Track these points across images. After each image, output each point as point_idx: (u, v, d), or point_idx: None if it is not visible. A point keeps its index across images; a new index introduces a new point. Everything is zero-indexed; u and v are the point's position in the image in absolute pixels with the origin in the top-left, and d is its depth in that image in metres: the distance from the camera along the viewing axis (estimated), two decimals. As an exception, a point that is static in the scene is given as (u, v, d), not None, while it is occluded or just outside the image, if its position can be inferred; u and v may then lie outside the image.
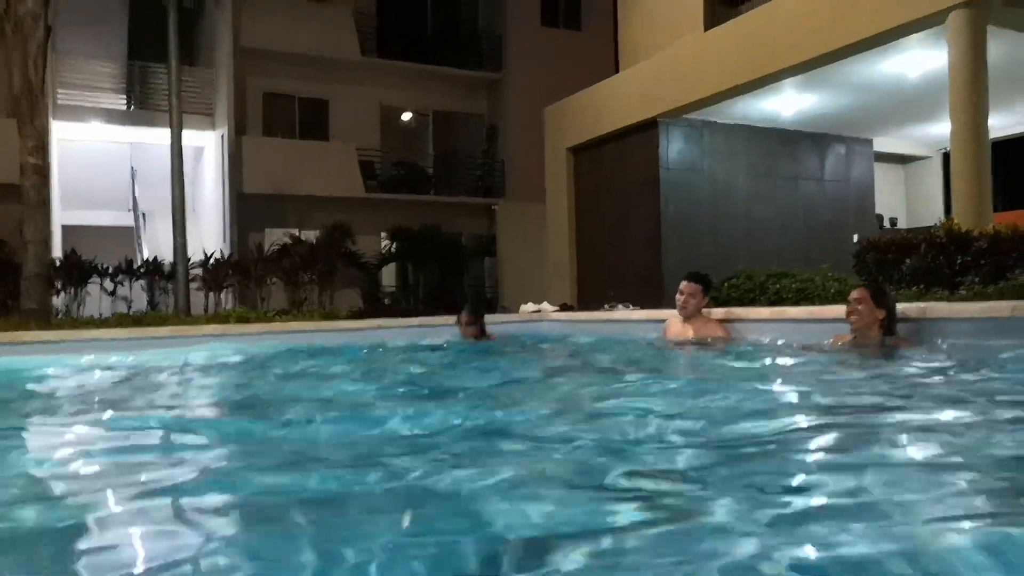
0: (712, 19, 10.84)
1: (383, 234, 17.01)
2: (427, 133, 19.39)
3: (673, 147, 11.14)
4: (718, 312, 5.59)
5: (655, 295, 8.96)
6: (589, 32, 19.59)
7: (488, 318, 6.62)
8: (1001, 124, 11.08)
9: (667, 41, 11.43)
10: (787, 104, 10.83)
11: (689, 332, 5.35)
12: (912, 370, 3.49)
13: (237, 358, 5.47)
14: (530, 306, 8.51)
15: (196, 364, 5.18)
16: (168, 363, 5.15)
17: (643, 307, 7.35)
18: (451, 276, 16.39)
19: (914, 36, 8.08)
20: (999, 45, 7.68)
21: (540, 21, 19.38)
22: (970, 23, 7.22)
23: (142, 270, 11.64)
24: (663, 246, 10.85)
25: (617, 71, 13.10)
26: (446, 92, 18.89)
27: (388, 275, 16.97)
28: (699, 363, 4.70)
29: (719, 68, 10.04)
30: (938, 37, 7.79)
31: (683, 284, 5.39)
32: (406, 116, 19.44)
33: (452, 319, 6.38)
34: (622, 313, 6.92)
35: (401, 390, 3.69)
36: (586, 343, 6.26)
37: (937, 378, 3.09)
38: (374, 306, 13.18)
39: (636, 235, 11.45)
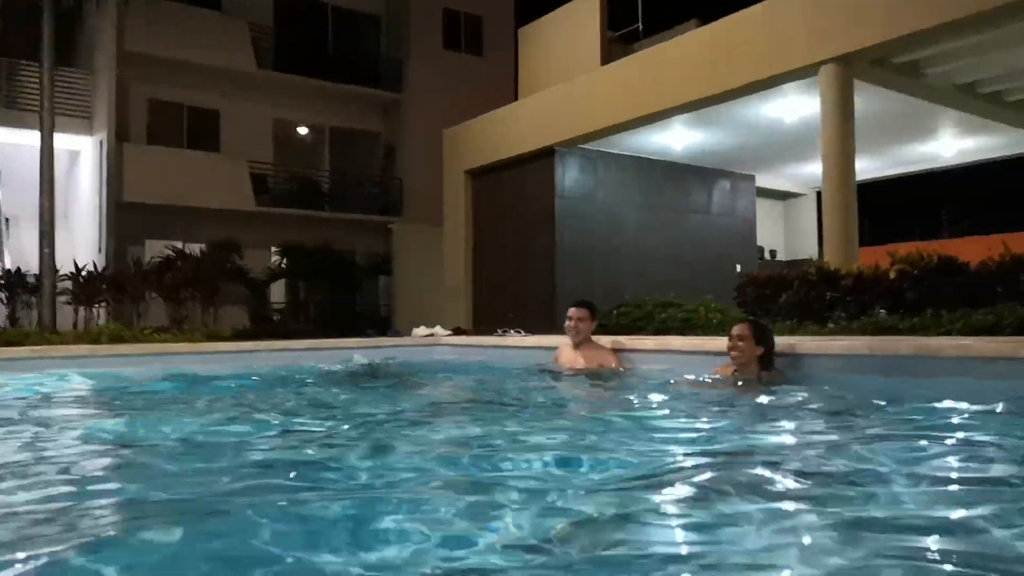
0: (609, 55, 11.21)
1: (273, 249, 16.46)
2: (323, 149, 19.01)
3: (569, 176, 11.40)
4: (606, 340, 5.71)
5: (550, 320, 9.08)
6: (490, 58, 19.83)
7: (380, 341, 6.57)
8: (867, 168, 12.01)
9: (565, 73, 11.72)
10: (677, 139, 11.31)
11: (580, 360, 5.43)
12: (779, 407, 3.64)
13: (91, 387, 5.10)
14: (423, 329, 8.42)
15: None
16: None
17: (538, 333, 7.43)
18: (343, 295, 16.03)
19: (791, 84, 8.67)
20: (865, 97, 8.35)
21: (442, 44, 19.45)
22: (838, 76, 7.83)
23: (2, 281, 10.76)
24: (557, 272, 11.04)
25: (516, 98, 13.30)
26: (344, 109, 18.61)
27: (277, 292, 16.40)
28: (582, 399, 4.74)
29: (614, 102, 10.37)
30: (812, 87, 8.38)
31: (571, 310, 5.47)
32: (302, 131, 18.98)
33: (345, 342, 6.31)
34: (514, 339, 6.96)
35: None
36: (476, 371, 6.23)
37: (805, 419, 3.24)
38: (262, 325, 12.67)
39: (532, 260, 11.60)
